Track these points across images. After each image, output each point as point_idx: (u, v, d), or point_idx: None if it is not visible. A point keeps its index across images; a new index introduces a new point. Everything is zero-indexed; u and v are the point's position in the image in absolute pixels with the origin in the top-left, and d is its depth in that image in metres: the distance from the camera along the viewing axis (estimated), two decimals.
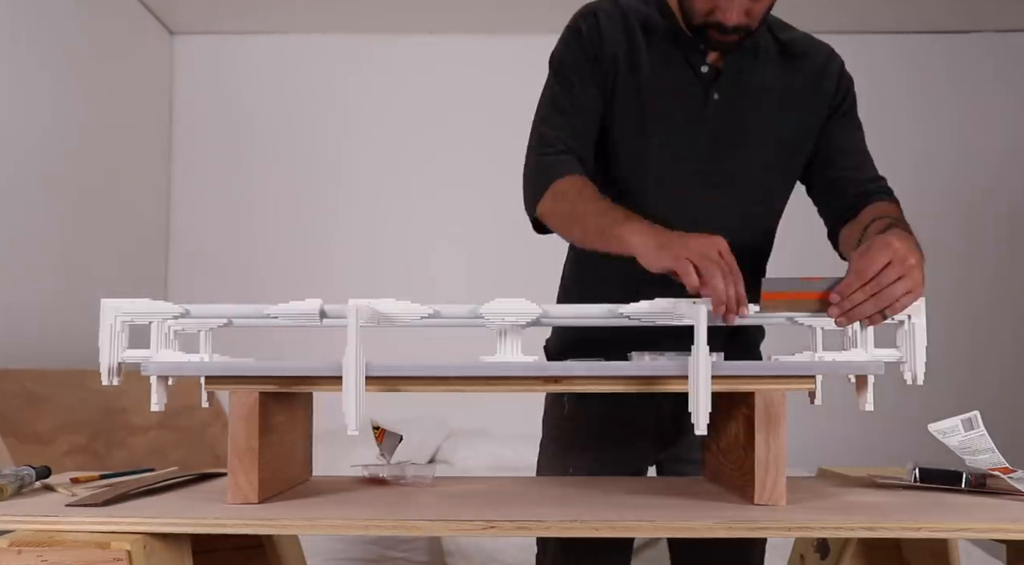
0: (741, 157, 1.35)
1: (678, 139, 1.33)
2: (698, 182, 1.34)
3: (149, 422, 2.54)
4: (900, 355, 1.01)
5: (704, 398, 0.94)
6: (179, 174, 3.69)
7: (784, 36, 1.38)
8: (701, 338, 0.95)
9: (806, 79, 1.38)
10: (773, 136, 1.36)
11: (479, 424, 3.38)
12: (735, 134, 1.34)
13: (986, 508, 0.98)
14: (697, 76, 1.33)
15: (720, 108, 1.33)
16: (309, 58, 3.71)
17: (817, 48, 1.41)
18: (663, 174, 1.33)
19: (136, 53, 3.44)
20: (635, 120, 1.34)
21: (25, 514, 0.92)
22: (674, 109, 1.33)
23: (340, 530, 0.94)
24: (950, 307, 3.46)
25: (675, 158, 1.33)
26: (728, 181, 1.35)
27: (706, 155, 1.33)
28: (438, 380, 1.02)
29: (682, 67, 1.33)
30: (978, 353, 3.51)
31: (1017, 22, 3.57)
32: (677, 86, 1.33)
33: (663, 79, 1.33)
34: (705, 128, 1.33)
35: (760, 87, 1.35)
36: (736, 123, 1.34)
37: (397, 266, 3.62)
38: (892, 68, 3.62)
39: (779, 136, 1.37)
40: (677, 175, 1.33)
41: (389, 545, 2.39)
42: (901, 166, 3.59)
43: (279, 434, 1.09)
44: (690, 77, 1.33)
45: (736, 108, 1.34)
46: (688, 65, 1.33)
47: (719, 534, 0.90)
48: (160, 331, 1.04)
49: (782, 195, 1.42)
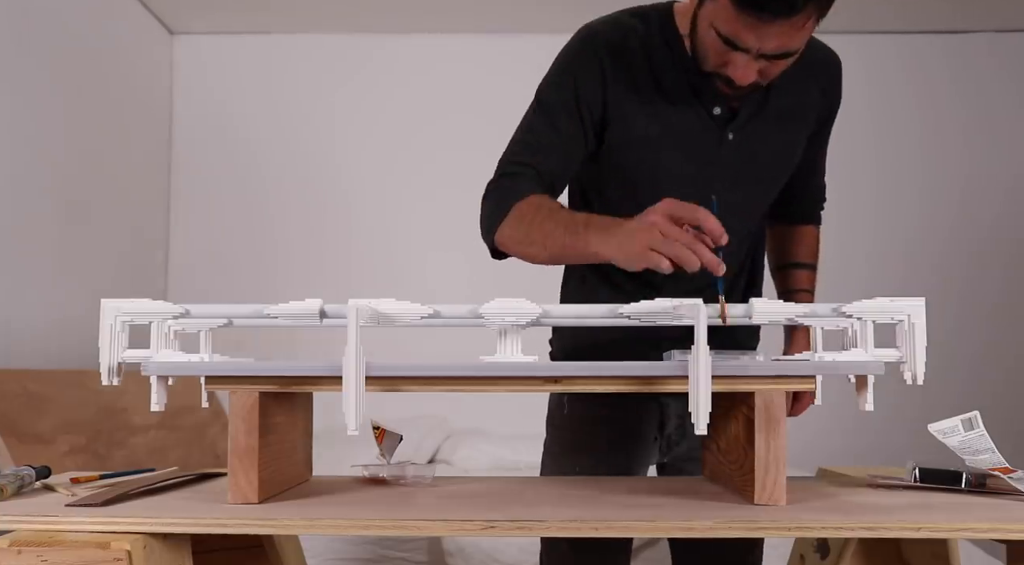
0: (754, 189, 1.33)
1: (692, 180, 1.27)
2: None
3: (149, 422, 2.54)
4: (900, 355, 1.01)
5: (704, 398, 0.94)
6: (179, 174, 3.69)
7: None
8: (701, 338, 0.95)
9: (814, 98, 1.34)
10: (783, 164, 1.34)
11: (479, 424, 3.38)
12: (749, 170, 1.30)
13: (986, 508, 0.98)
14: (711, 117, 1.27)
15: (734, 148, 1.28)
16: (309, 58, 3.71)
17: (825, 60, 1.36)
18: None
19: (136, 53, 3.44)
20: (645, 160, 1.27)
21: (25, 514, 0.92)
22: (684, 155, 1.27)
23: (340, 530, 0.94)
24: (950, 307, 3.46)
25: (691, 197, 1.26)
26: (739, 208, 1.31)
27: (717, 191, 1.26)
28: (438, 380, 1.02)
29: (694, 108, 1.26)
30: (978, 353, 3.52)
31: (1017, 22, 3.57)
32: (690, 128, 1.27)
33: (674, 118, 1.26)
34: (719, 167, 1.29)
35: (775, 119, 1.29)
36: (750, 160, 1.30)
37: (397, 266, 3.62)
38: (893, 68, 3.62)
39: (788, 162, 1.35)
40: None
41: (389, 545, 2.39)
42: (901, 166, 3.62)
43: (279, 434, 1.09)
44: (703, 118, 1.27)
45: (751, 144, 1.29)
46: (701, 105, 1.26)
47: (719, 534, 0.90)
48: (160, 331, 1.04)
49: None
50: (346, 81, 3.70)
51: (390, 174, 3.67)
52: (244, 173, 3.68)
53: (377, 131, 3.67)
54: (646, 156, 1.27)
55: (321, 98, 3.70)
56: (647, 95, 1.26)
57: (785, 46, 1.10)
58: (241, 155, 3.68)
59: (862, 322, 1.01)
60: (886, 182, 3.55)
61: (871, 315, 1.01)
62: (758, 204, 1.37)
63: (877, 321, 1.01)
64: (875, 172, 3.52)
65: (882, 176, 3.55)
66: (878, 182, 3.52)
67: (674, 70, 1.27)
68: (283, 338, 3.25)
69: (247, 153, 3.68)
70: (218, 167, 3.69)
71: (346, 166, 3.68)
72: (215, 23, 3.61)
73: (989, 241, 3.60)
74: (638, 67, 1.27)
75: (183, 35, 3.70)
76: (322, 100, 3.70)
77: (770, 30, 1.08)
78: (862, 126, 3.50)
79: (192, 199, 3.68)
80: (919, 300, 1.01)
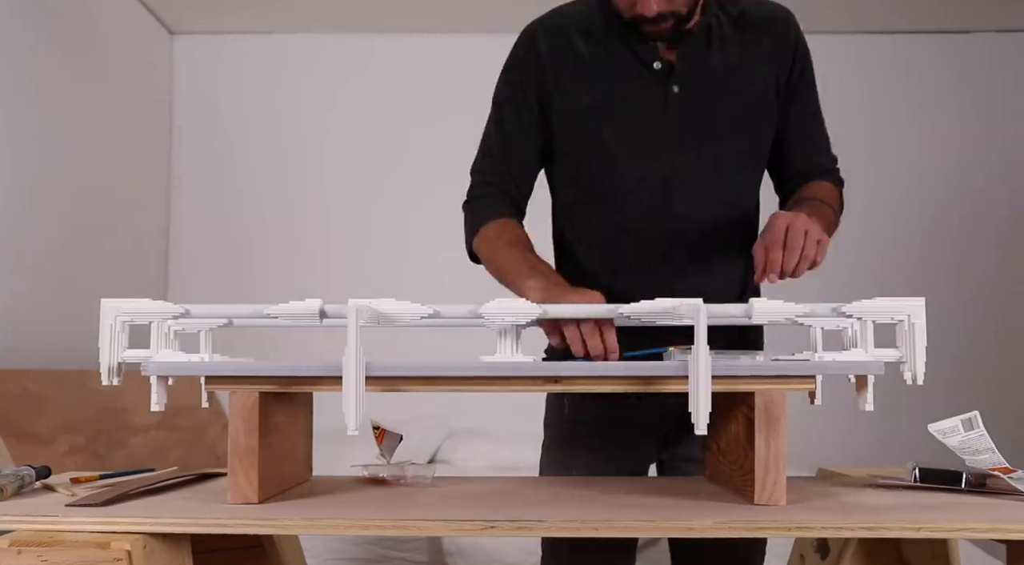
0: (715, 147, 1.32)
1: (644, 139, 1.31)
2: (674, 180, 1.31)
3: (149, 422, 2.54)
4: (900, 355, 1.01)
5: (704, 398, 0.94)
6: (179, 174, 3.69)
7: (735, 9, 1.35)
8: (701, 338, 0.95)
9: (765, 51, 1.34)
10: (745, 118, 1.33)
11: (479, 424, 3.38)
12: (705, 125, 1.31)
13: (986, 508, 0.98)
14: (651, 73, 1.30)
15: (683, 101, 1.30)
16: (309, 58, 3.71)
17: (772, 15, 1.37)
18: (635, 179, 1.31)
19: (136, 53, 3.44)
20: (595, 130, 1.32)
21: (25, 514, 0.92)
22: (633, 110, 1.31)
23: (340, 530, 0.94)
24: (950, 307, 3.46)
25: (646, 158, 1.31)
26: (707, 171, 1.32)
27: (677, 149, 1.30)
28: (438, 380, 1.02)
29: (634, 67, 1.31)
30: (978, 353, 3.52)
31: (1017, 22, 3.57)
32: (633, 87, 1.31)
33: (616, 82, 1.31)
34: (670, 123, 1.30)
35: (722, 71, 1.32)
36: (704, 114, 1.31)
37: (397, 266, 3.62)
38: (892, 68, 3.62)
39: (750, 115, 1.34)
40: (650, 178, 1.31)
41: (389, 545, 2.39)
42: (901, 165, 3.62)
43: (279, 434, 1.09)
44: (644, 75, 1.31)
45: (701, 98, 1.31)
46: (640, 63, 1.31)
47: (719, 534, 0.90)
48: (160, 331, 1.04)
49: (762, 157, 1.39)
50: (346, 81, 3.70)
51: (390, 174, 3.67)
52: (244, 173, 3.68)
53: (377, 131, 3.67)
54: (592, 124, 1.32)
55: (321, 98, 3.70)
56: (585, 67, 1.32)
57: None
58: (241, 155, 3.68)
59: (862, 322, 1.01)
60: (885, 182, 3.55)
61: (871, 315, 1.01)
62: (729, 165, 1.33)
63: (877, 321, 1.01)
64: (874, 172, 3.51)
65: (881, 176, 3.54)
66: (877, 182, 3.52)
67: (609, 37, 1.32)
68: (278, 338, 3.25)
69: (247, 153, 3.68)
70: (218, 167, 3.69)
71: (346, 166, 3.68)
72: (215, 23, 3.61)
73: (989, 241, 3.60)
74: (574, 42, 1.33)
75: (183, 35, 3.70)
76: (322, 100, 3.69)
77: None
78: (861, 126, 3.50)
79: (192, 199, 3.68)
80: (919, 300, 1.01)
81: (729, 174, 1.34)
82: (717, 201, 1.33)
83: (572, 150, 1.35)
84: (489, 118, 1.41)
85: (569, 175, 1.38)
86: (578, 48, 1.32)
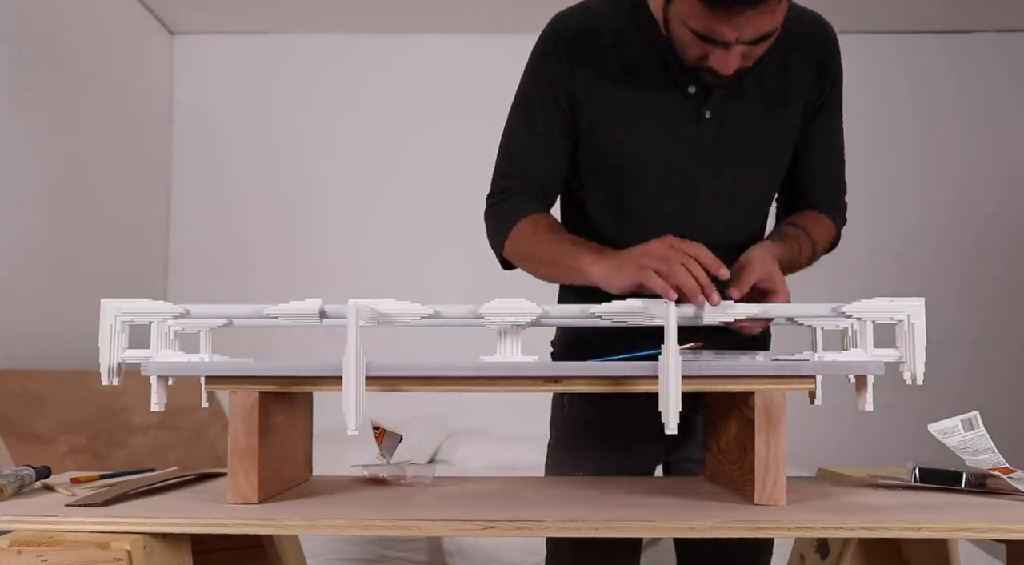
0: (740, 175, 1.30)
1: (671, 159, 1.27)
2: (696, 202, 1.29)
3: (149, 422, 2.54)
4: (900, 355, 1.01)
5: (674, 396, 0.94)
6: (179, 174, 3.69)
7: None
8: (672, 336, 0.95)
9: (799, 74, 1.30)
10: (775, 151, 1.32)
11: (479, 424, 3.38)
12: (734, 153, 1.28)
13: (986, 508, 0.98)
14: (686, 97, 1.26)
15: (715, 128, 1.26)
16: (309, 58, 3.71)
17: (806, 32, 1.31)
18: (659, 197, 1.29)
19: (136, 53, 3.44)
20: (622, 143, 1.27)
21: (25, 514, 0.92)
22: (663, 129, 1.26)
23: (340, 530, 0.94)
24: (950, 307, 3.46)
25: (671, 179, 1.28)
26: (728, 195, 1.30)
27: (702, 172, 1.28)
28: (438, 380, 1.02)
29: (668, 86, 1.25)
30: (978, 353, 3.51)
31: (1017, 22, 3.57)
32: (665, 106, 1.26)
33: (648, 98, 1.26)
34: (699, 147, 1.27)
35: (756, 93, 1.27)
36: (734, 143, 1.28)
37: (397, 266, 3.62)
38: (893, 68, 3.62)
39: (780, 149, 1.32)
40: (673, 197, 1.29)
41: (389, 545, 2.39)
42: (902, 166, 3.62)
43: (279, 434, 1.09)
44: (677, 98, 1.25)
45: (733, 128, 1.27)
46: (674, 85, 1.25)
47: (719, 534, 0.90)
48: (160, 331, 1.04)
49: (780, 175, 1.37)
50: (346, 81, 3.70)
51: (390, 174, 3.67)
52: (244, 172, 3.68)
53: (377, 131, 3.67)
54: (618, 137, 1.28)
55: (321, 98, 3.70)
56: (617, 78, 1.26)
57: (763, 30, 1.10)
58: (241, 154, 3.68)
59: (862, 322, 1.01)
60: (885, 182, 3.54)
61: (871, 315, 1.01)
62: (750, 191, 1.33)
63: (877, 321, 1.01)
64: (874, 172, 3.51)
65: (881, 176, 3.54)
66: (877, 182, 3.52)
67: (645, 51, 1.26)
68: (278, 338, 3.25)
69: (247, 152, 3.68)
70: (218, 166, 3.68)
71: (346, 166, 3.68)
72: (215, 23, 3.61)
73: (988, 241, 3.60)
74: (607, 50, 1.27)
75: (183, 35, 3.70)
76: (322, 100, 3.69)
77: (743, 19, 1.07)
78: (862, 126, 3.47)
79: (192, 199, 3.68)
80: (918, 300, 1.01)
81: (749, 199, 1.34)
82: (733, 223, 1.33)
83: (596, 161, 1.31)
84: (511, 118, 1.33)
85: (591, 187, 1.34)
86: (611, 55, 1.26)
